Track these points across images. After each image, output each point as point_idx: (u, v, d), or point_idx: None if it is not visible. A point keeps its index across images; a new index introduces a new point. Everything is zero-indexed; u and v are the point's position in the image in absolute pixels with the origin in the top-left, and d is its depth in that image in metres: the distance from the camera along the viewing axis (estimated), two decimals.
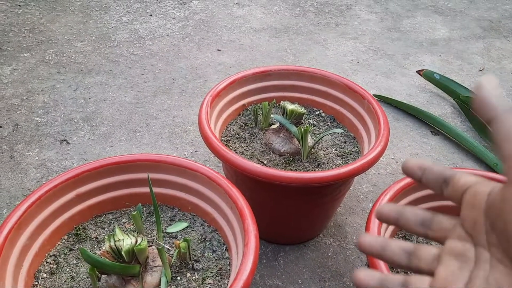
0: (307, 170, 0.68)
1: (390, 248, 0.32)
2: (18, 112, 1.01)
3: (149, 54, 1.26)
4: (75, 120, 1.00)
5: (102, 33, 1.34)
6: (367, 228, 0.55)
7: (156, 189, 0.59)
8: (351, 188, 0.87)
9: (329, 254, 0.76)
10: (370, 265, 0.50)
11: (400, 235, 0.61)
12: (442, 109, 1.14)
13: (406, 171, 0.33)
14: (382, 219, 0.34)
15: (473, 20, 1.61)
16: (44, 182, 0.76)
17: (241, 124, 0.77)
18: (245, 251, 0.47)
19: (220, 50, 1.31)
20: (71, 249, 0.54)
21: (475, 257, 0.27)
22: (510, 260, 0.25)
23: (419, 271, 0.30)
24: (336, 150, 0.73)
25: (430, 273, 0.29)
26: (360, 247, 0.32)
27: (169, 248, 0.54)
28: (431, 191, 0.61)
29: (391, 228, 0.59)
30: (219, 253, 0.54)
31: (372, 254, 0.32)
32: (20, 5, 1.44)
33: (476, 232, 0.27)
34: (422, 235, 0.32)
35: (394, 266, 0.31)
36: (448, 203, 0.54)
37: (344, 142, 0.75)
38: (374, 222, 0.54)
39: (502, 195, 0.25)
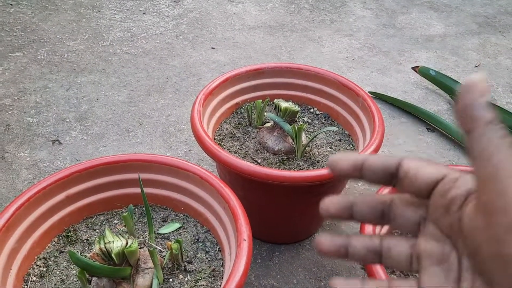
0: (302, 169, 0.67)
1: (353, 248, 0.28)
2: (9, 112, 1.00)
3: (143, 52, 1.25)
4: (68, 120, 0.99)
5: (94, 32, 1.33)
6: (361, 227, 0.55)
7: (148, 190, 0.58)
8: (346, 186, 0.86)
9: None
10: (368, 270, 0.49)
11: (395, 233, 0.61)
12: (438, 105, 1.14)
13: (339, 173, 0.28)
14: (330, 216, 0.29)
15: (469, 16, 1.61)
16: (35, 184, 0.75)
17: (234, 122, 0.76)
18: (238, 252, 0.46)
19: (214, 48, 1.30)
20: (61, 252, 0.53)
21: (457, 264, 0.24)
22: (484, 279, 0.23)
23: (397, 269, 0.28)
24: (330, 148, 0.73)
25: (411, 272, 0.27)
26: (318, 251, 0.29)
27: (161, 249, 0.54)
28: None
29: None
30: (212, 254, 0.54)
31: (336, 257, 0.29)
32: (12, 4, 1.43)
33: (454, 236, 0.24)
34: (384, 224, 0.29)
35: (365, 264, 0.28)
36: None
37: (338, 140, 0.74)
38: None
39: (472, 221, 0.23)
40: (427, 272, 0.25)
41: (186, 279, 0.50)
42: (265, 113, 0.75)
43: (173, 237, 0.56)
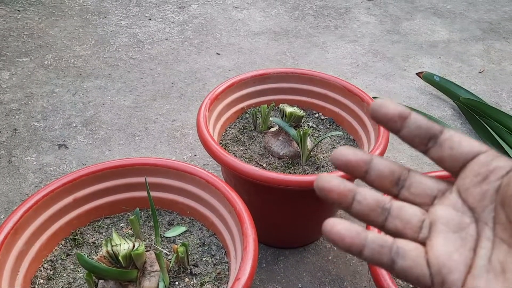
0: (307, 173, 0.68)
1: (362, 197, 0.25)
2: (16, 116, 1.01)
3: (148, 58, 1.26)
4: (74, 125, 1.00)
5: (101, 38, 1.34)
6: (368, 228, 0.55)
7: (154, 193, 0.58)
8: None
9: (330, 258, 0.75)
10: (372, 272, 0.49)
11: None
12: (442, 111, 1.14)
13: (381, 118, 0.25)
14: (345, 168, 0.25)
15: (473, 22, 1.61)
16: (42, 187, 0.76)
17: (240, 127, 0.77)
18: (243, 255, 0.46)
19: (219, 54, 1.31)
20: (68, 254, 0.54)
21: (475, 235, 0.23)
22: None
23: (398, 236, 0.24)
24: None
25: (417, 242, 0.24)
26: (320, 191, 0.25)
27: (167, 252, 0.54)
28: None
29: None
30: (218, 257, 0.54)
31: (340, 205, 0.25)
32: (19, 10, 1.44)
33: (481, 207, 0.24)
34: (393, 195, 0.26)
35: (364, 223, 0.25)
36: None
37: (343, 144, 0.75)
38: None
39: None
40: (442, 236, 0.24)
41: (192, 282, 0.51)
42: (270, 118, 0.75)
43: (179, 240, 0.56)
